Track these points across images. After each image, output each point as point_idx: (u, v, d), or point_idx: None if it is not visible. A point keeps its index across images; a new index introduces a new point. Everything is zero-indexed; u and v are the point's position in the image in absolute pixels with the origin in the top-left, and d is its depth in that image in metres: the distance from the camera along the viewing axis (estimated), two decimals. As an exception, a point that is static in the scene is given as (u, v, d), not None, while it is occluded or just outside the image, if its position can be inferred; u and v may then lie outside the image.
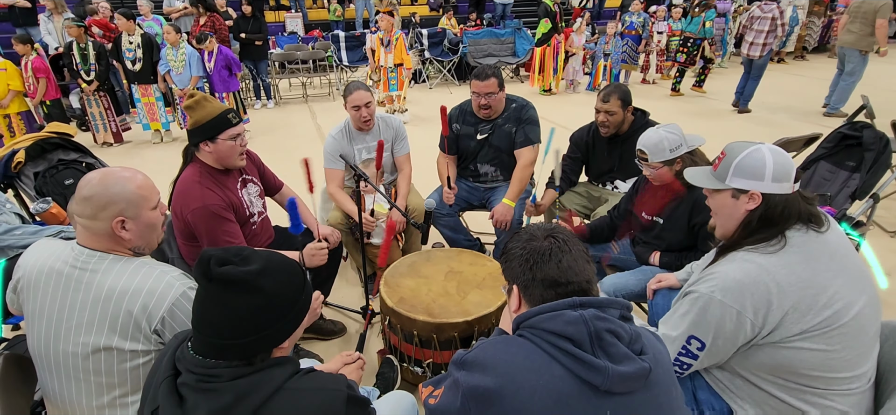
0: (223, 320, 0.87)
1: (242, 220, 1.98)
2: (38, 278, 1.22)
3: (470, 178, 2.80)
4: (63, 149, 2.92)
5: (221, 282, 0.86)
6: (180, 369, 0.91)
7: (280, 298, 0.92)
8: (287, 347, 0.97)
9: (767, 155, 1.22)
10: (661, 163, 1.87)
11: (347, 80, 8.81)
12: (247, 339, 0.88)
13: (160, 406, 0.89)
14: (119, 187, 1.21)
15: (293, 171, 1.92)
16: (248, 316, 0.88)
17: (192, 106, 1.84)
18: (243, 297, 0.87)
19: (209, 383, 0.87)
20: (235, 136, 1.88)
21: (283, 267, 0.94)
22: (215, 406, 0.85)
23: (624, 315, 0.92)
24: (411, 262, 2.17)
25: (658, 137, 1.85)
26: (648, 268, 2.07)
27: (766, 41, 6.06)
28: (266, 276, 0.89)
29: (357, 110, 2.51)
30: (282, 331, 0.93)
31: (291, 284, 0.94)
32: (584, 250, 0.97)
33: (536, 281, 0.94)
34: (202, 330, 0.89)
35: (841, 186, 2.60)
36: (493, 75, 2.49)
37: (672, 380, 0.94)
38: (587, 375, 0.82)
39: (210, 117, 1.83)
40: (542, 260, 0.94)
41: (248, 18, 7.21)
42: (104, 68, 5.56)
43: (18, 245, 2.05)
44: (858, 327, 1.16)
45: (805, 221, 1.20)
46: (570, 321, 0.86)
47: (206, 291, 0.88)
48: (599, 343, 0.84)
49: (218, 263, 0.87)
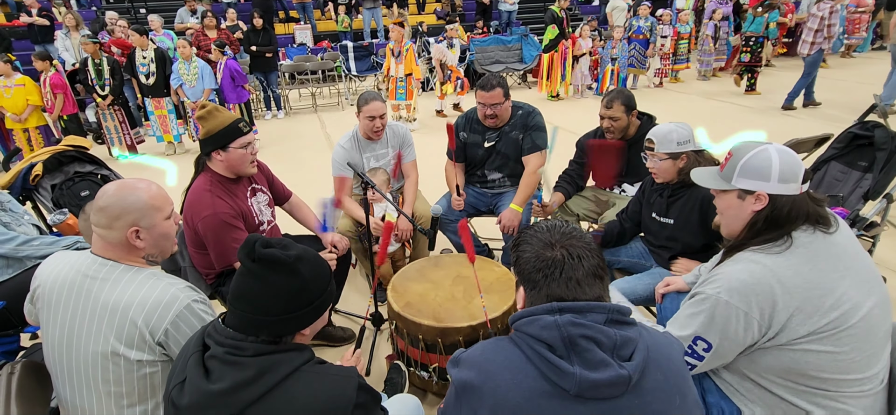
0: (261, 296, 0.96)
1: (252, 228, 2.01)
2: (53, 288, 1.25)
3: (478, 184, 2.81)
4: (79, 161, 2.99)
5: (265, 262, 0.95)
6: (209, 343, 0.99)
7: (313, 285, 1.01)
8: (308, 334, 1.06)
9: (774, 156, 1.21)
10: (666, 154, 1.88)
11: (357, 89, 8.90)
12: (280, 317, 0.97)
13: (187, 378, 0.96)
14: (133, 198, 1.25)
15: (303, 180, 1.97)
16: (285, 296, 0.97)
17: (204, 116, 1.89)
18: (283, 278, 0.96)
19: (235, 356, 0.95)
20: (246, 144, 1.93)
21: (316, 259, 1.05)
22: (239, 378, 0.92)
23: (614, 319, 0.89)
24: (420, 267, 2.19)
25: (668, 128, 1.88)
26: (657, 271, 2.06)
27: (814, 40, 6.09)
28: (303, 263, 0.99)
29: (371, 120, 2.54)
30: (310, 315, 1.02)
31: (322, 275, 1.05)
32: (598, 265, 0.94)
33: (542, 294, 0.93)
34: (239, 304, 0.97)
35: (853, 186, 2.57)
36: (498, 85, 2.49)
37: (678, 388, 0.90)
38: (558, 379, 0.85)
39: (222, 127, 1.87)
40: (551, 274, 0.92)
41: (259, 31, 7.33)
42: (118, 83, 5.69)
43: (36, 255, 2.10)
44: (868, 328, 1.14)
45: (813, 223, 1.19)
46: (545, 326, 0.87)
47: (249, 270, 0.97)
48: (574, 349, 0.85)
49: (263, 245, 0.96)
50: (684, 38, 8.50)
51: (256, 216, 2.05)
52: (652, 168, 1.96)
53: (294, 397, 0.93)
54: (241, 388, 0.92)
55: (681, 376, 0.92)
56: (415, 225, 2.44)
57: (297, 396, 0.93)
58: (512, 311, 1.86)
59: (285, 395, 0.93)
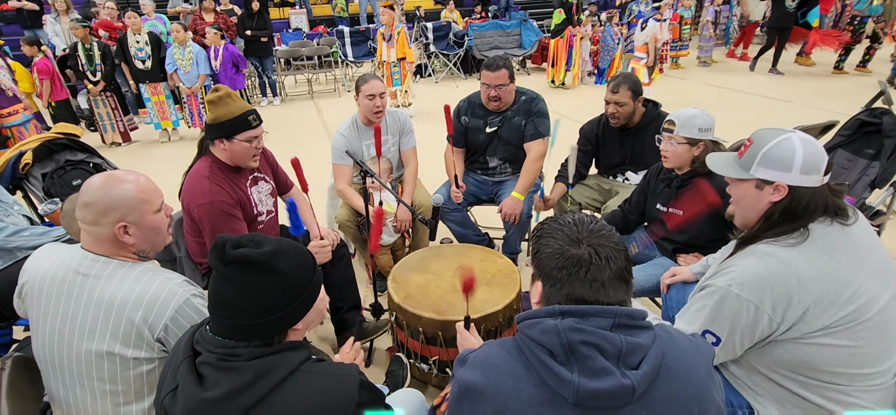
0: (241, 300, 0.90)
1: (249, 218, 1.96)
2: (42, 284, 1.21)
3: (479, 171, 2.77)
4: (70, 149, 2.92)
5: (238, 264, 0.89)
6: (199, 349, 0.94)
7: (294, 279, 0.95)
8: (301, 329, 1.00)
9: (798, 145, 1.14)
10: (685, 138, 1.83)
11: (354, 75, 8.79)
12: (265, 318, 0.91)
13: (179, 385, 0.91)
14: (120, 192, 1.18)
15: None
16: (266, 295, 0.91)
17: (215, 100, 1.81)
18: (260, 277, 0.90)
19: (229, 362, 0.90)
20: (253, 138, 1.86)
21: (294, 250, 0.98)
22: (236, 383, 0.87)
23: (622, 324, 0.83)
24: (421, 257, 2.15)
25: (693, 112, 1.83)
26: (662, 261, 2.03)
27: None
28: (279, 257, 0.92)
29: (371, 99, 2.48)
30: (298, 310, 0.96)
31: (304, 266, 0.98)
32: (625, 267, 0.87)
33: (562, 293, 0.87)
34: (221, 312, 0.91)
35: (860, 174, 2.53)
36: (504, 66, 2.46)
37: (696, 400, 0.83)
38: (557, 386, 0.81)
39: (231, 116, 1.80)
40: (575, 273, 0.85)
41: (253, 15, 7.19)
42: (109, 69, 5.57)
43: (26, 246, 2.05)
44: (884, 321, 1.12)
45: (831, 215, 1.15)
46: (546, 330, 0.83)
47: (222, 275, 0.91)
48: (574, 355, 0.81)
49: (233, 246, 0.90)
50: (687, 23, 8.40)
51: (255, 206, 1.99)
52: (665, 151, 1.90)
53: (294, 399, 0.89)
54: (238, 394, 0.87)
55: (703, 387, 0.85)
56: (415, 214, 2.39)
57: (297, 398, 0.89)
58: (514, 305, 1.83)
59: (285, 398, 0.89)
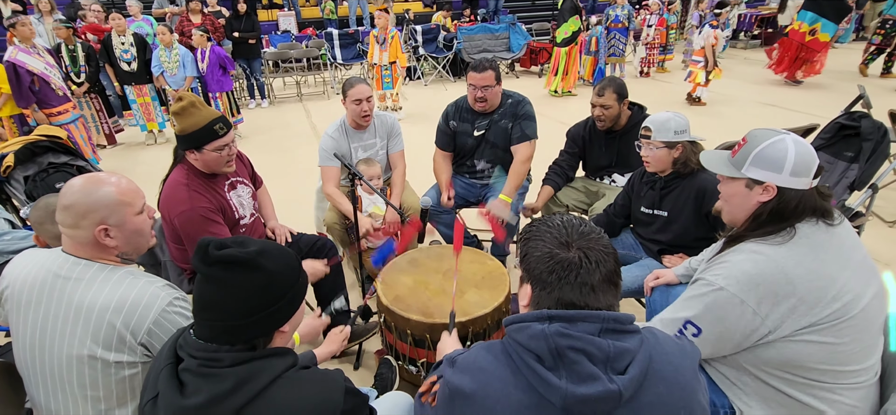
0: (225, 301, 0.89)
1: (231, 223, 1.95)
2: (22, 288, 1.19)
3: (467, 174, 2.78)
4: (53, 152, 2.88)
5: (222, 264, 0.88)
6: (182, 355, 0.92)
7: (279, 278, 0.94)
8: (287, 331, 0.99)
9: (791, 147, 1.17)
10: (663, 142, 1.87)
11: (342, 78, 8.76)
12: (249, 319, 0.90)
13: (160, 393, 0.90)
14: (100, 194, 1.17)
15: (287, 170, 1.90)
16: (251, 295, 0.90)
17: (179, 112, 1.77)
18: (244, 276, 0.89)
19: (210, 368, 0.88)
20: (222, 147, 1.82)
21: (279, 250, 0.97)
22: (216, 391, 0.86)
23: (610, 329, 0.83)
24: (410, 258, 2.15)
25: (666, 116, 1.88)
26: (647, 263, 2.05)
27: None
28: (264, 256, 0.92)
29: (358, 104, 2.49)
30: (284, 310, 0.96)
31: (289, 265, 0.97)
32: (614, 271, 0.87)
33: (552, 297, 0.86)
34: (205, 314, 0.90)
35: (839, 176, 2.59)
36: (490, 68, 2.48)
37: (683, 402, 0.84)
38: (545, 391, 0.81)
39: (196, 128, 1.76)
40: (565, 277, 0.85)
41: (241, 17, 7.13)
42: (94, 70, 5.49)
43: (8, 251, 2.01)
44: (867, 319, 1.15)
45: (818, 216, 1.18)
46: (534, 335, 0.84)
47: (207, 276, 0.89)
48: (562, 360, 0.81)
49: (217, 247, 0.89)
50: (673, 28, 8.49)
51: (236, 211, 1.97)
52: (646, 157, 1.94)
53: (278, 406, 0.87)
54: (219, 401, 0.85)
55: (690, 389, 0.86)
56: (403, 217, 2.39)
57: (280, 405, 0.88)
58: (502, 307, 1.84)
59: (268, 405, 0.87)
